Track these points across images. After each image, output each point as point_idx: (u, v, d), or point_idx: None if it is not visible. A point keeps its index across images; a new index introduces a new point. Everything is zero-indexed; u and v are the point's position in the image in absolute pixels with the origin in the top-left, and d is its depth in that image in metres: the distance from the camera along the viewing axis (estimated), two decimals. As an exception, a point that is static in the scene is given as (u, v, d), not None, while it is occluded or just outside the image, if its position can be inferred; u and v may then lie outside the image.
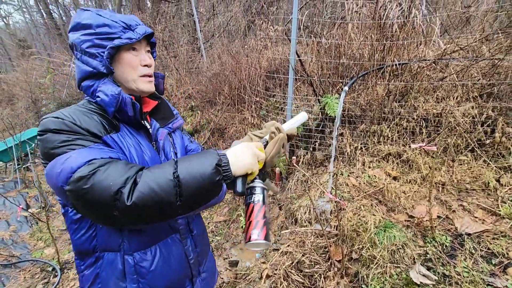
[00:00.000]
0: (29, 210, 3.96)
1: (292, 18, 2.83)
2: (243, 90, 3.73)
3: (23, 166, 5.49)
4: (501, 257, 1.65)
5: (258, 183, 0.83)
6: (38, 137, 0.75)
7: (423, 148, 1.64)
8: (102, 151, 0.73)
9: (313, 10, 3.50)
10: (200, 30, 6.03)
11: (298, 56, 2.97)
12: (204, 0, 7.20)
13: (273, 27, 5.31)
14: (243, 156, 0.77)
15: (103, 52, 0.79)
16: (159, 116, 1.00)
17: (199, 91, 5.24)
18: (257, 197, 0.80)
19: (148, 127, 0.95)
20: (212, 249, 1.20)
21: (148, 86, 0.90)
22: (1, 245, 3.26)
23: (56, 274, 2.63)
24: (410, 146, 2.31)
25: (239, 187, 0.76)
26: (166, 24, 7.11)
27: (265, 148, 0.86)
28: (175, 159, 0.73)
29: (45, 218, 3.29)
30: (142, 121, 0.90)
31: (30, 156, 4.30)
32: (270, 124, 0.91)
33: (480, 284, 1.56)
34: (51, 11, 13.48)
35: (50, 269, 2.75)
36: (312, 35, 3.31)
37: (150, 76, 0.90)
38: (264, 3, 4.91)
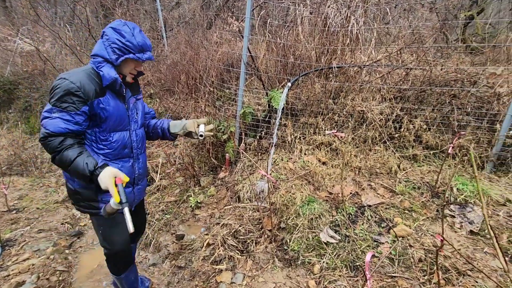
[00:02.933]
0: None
1: (245, 17, 3.11)
2: (200, 80, 3.93)
3: (-44, 147, 5.03)
4: (388, 222, 2.14)
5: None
6: (55, 82, 1.34)
7: (335, 134, 2.03)
8: (64, 124, 1.33)
9: (265, 12, 3.82)
10: (163, 18, 6.02)
11: (250, 53, 3.26)
12: (168, -12, 7.14)
13: (237, 21, 5.55)
14: (104, 180, 1.30)
15: (121, 56, 1.40)
16: (132, 89, 1.62)
17: (159, 78, 5.28)
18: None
19: (125, 94, 1.55)
20: (148, 175, 1.84)
21: (131, 80, 1.56)
22: None
23: (-3, 251, 2.61)
24: (325, 132, 2.75)
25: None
26: (127, 8, 6.92)
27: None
28: (82, 151, 1.35)
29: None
30: (123, 91, 1.52)
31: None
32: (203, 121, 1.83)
33: (369, 241, 2.02)
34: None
35: (-11, 247, 2.71)
36: (265, 35, 3.63)
37: (134, 75, 1.55)
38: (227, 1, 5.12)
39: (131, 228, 1.25)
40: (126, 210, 1.27)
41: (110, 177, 1.30)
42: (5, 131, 6.41)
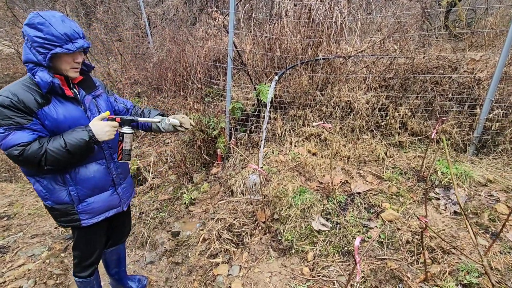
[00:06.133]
0: (-48, 201, 3.65)
1: (229, 12, 3.10)
2: (187, 77, 3.91)
3: None
4: (376, 208, 2.22)
5: (124, 129, 1.44)
6: None
7: (322, 126, 2.08)
8: (30, 133, 1.25)
9: (250, 6, 3.81)
10: (147, 15, 5.91)
11: (236, 48, 3.26)
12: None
13: (222, 16, 5.51)
14: (99, 127, 1.33)
15: (47, 53, 1.22)
16: (85, 87, 1.48)
17: (146, 77, 5.22)
18: (123, 138, 1.45)
19: (77, 93, 1.44)
20: (135, 176, 1.90)
21: (75, 74, 1.38)
22: None
23: (-9, 258, 2.59)
24: (313, 124, 2.80)
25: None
26: (109, 6, 6.76)
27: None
28: (62, 134, 1.30)
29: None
30: (71, 91, 1.40)
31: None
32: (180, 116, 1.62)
33: (359, 226, 2.09)
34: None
35: (-17, 255, 2.68)
36: (250, 29, 3.62)
37: (77, 68, 1.37)
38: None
39: (156, 120, 1.58)
40: (139, 118, 1.49)
41: (98, 120, 1.34)
42: (-11, 137, 6.25)
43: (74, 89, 1.43)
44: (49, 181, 1.40)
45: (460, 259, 1.78)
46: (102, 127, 1.33)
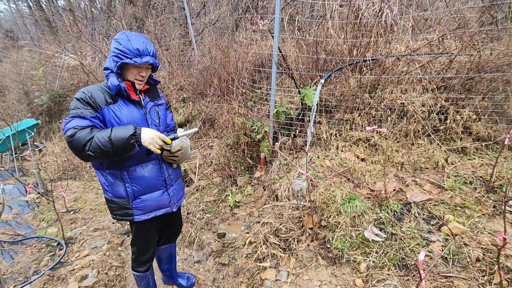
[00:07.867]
0: (30, 195, 4.19)
1: (274, 17, 3.12)
2: (232, 82, 4.01)
3: (20, 155, 5.67)
4: (438, 219, 2.03)
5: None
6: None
7: (376, 130, 1.97)
8: (87, 122, 1.41)
9: (294, 9, 3.79)
10: (192, 24, 6.24)
11: (281, 52, 3.27)
12: (195, -6, 7.35)
13: (263, 21, 5.57)
14: (148, 135, 1.42)
15: (118, 62, 1.45)
16: (150, 95, 1.68)
17: (191, 83, 5.48)
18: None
19: (141, 98, 1.62)
20: (182, 178, 1.98)
21: (139, 86, 1.58)
22: (6, 226, 3.51)
23: (62, 247, 2.91)
24: (366, 128, 2.66)
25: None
26: (157, 18, 7.26)
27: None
28: (112, 127, 1.41)
29: (46, 201, 3.54)
30: (137, 96, 1.58)
31: (30, 145, 4.50)
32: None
33: (418, 239, 1.93)
34: (40, 1, 13.24)
35: (55, 244, 3.02)
36: (295, 32, 3.61)
37: (141, 80, 1.56)
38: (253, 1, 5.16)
39: (195, 129, 1.68)
40: (182, 140, 1.60)
41: (151, 130, 1.43)
42: (57, 139, 7.08)
43: (140, 95, 1.63)
44: (112, 175, 1.58)
45: (547, 284, 1.54)
46: (150, 134, 1.42)
